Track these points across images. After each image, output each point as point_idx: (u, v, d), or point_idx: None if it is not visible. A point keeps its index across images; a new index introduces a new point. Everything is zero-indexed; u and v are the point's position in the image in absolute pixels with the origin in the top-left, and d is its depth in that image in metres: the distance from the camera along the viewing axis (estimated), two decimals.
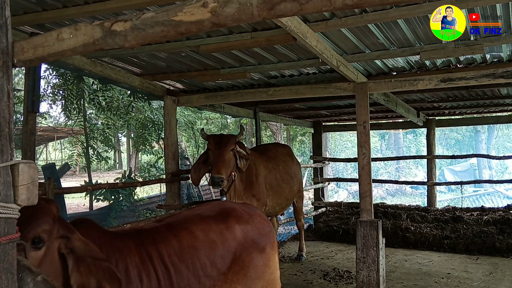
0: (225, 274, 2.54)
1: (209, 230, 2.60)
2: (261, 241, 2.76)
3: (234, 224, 2.68)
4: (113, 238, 2.39)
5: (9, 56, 1.40)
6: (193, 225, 2.61)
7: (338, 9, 1.13)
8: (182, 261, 2.43)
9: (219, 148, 4.69)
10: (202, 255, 2.49)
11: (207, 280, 2.46)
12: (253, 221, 2.80)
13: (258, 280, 2.70)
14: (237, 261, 2.60)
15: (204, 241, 2.54)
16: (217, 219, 2.70)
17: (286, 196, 5.91)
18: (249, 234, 2.71)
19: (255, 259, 2.69)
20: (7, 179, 1.35)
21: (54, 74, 10.46)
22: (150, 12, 1.30)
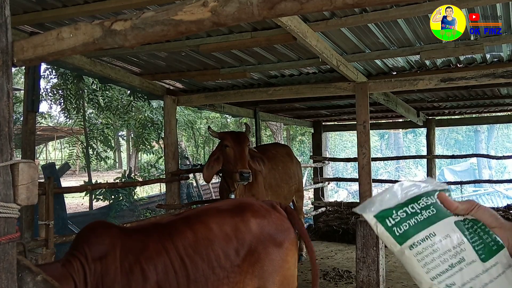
0: (239, 266, 2.61)
1: (224, 223, 2.67)
2: (278, 236, 2.80)
3: (250, 218, 2.74)
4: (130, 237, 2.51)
5: (9, 55, 1.39)
6: (208, 218, 2.70)
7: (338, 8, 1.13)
8: (197, 252, 2.53)
9: (239, 144, 4.71)
10: (216, 247, 2.58)
11: (221, 271, 2.55)
12: (270, 217, 2.85)
13: (276, 274, 2.75)
14: (253, 254, 2.66)
15: (218, 233, 2.62)
16: (233, 213, 2.77)
17: (285, 196, 5.91)
18: (265, 228, 2.76)
19: (272, 253, 2.73)
20: (7, 179, 1.35)
21: (53, 73, 10.45)
22: (150, 11, 1.30)
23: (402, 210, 0.89)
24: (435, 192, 0.90)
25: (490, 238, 0.85)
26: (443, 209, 0.88)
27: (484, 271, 0.82)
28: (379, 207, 0.91)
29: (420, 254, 0.85)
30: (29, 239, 3.81)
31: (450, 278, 0.83)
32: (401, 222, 0.88)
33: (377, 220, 0.91)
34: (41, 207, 3.84)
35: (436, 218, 0.86)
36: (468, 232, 0.86)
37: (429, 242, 0.85)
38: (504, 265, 0.83)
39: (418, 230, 0.86)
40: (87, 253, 2.36)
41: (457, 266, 0.83)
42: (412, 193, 0.90)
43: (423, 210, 0.87)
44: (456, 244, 0.84)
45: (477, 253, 0.83)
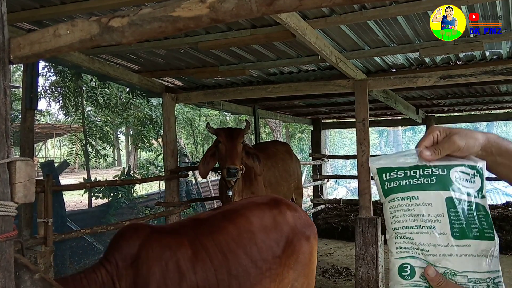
0: (280, 257, 2.64)
1: (263, 216, 2.72)
2: (306, 230, 2.87)
3: (286, 210, 2.80)
4: (165, 237, 2.50)
5: (6, 52, 1.38)
6: (248, 211, 2.74)
7: (338, 5, 1.12)
8: (240, 246, 2.55)
9: (231, 140, 4.70)
10: (258, 240, 2.61)
11: (264, 263, 2.57)
12: (299, 211, 2.93)
13: (306, 267, 2.80)
14: (290, 245, 2.71)
15: (259, 226, 2.66)
16: (270, 205, 2.82)
17: (284, 193, 5.91)
18: (298, 221, 2.83)
19: (303, 246, 2.79)
20: (4, 177, 1.34)
21: (52, 71, 10.43)
22: (148, 8, 1.29)
23: (403, 171, 0.95)
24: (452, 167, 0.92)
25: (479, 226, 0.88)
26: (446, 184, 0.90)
27: (448, 245, 0.87)
28: (386, 164, 0.97)
29: (393, 208, 0.93)
30: (28, 237, 3.80)
31: (411, 234, 0.89)
32: (394, 180, 0.95)
33: (376, 172, 0.98)
34: (40, 205, 3.83)
35: (429, 187, 0.91)
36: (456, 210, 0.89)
37: (407, 202, 0.92)
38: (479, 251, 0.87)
39: (403, 190, 0.93)
40: (117, 261, 2.34)
41: (424, 229, 0.89)
42: (425, 162, 0.94)
43: (422, 177, 0.92)
44: (434, 214, 0.89)
45: (452, 229, 0.87)
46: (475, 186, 0.92)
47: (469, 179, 0.92)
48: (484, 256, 0.87)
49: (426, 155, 0.92)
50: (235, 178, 4.63)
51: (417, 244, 0.89)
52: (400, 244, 0.91)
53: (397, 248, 0.91)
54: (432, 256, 0.88)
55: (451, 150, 0.93)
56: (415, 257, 0.89)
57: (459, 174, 0.92)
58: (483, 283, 0.86)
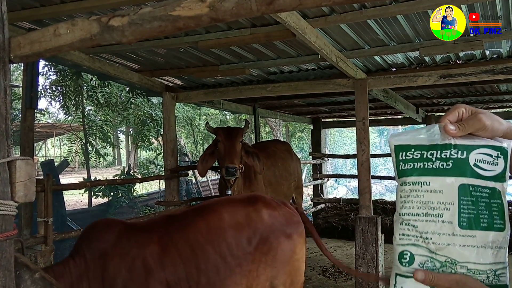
0: (251, 254, 2.65)
1: (236, 212, 2.73)
2: (288, 228, 2.86)
3: (262, 208, 2.80)
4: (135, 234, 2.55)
5: (6, 51, 1.38)
6: (221, 207, 2.75)
7: (337, 4, 1.12)
8: (209, 242, 2.57)
9: (229, 139, 4.70)
10: (228, 236, 2.62)
11: (233, 259, 2.59)
12: (280, 209, 2.91)
13: (286, 264, 2.80)
14: (265, 243, 2.71)
15: (231, 222, 2.67)
16: (245, 203, 2.83)
17: (284, 193, 5.91)
18: (276, 219, 2.82)
19: (282, 244, 2.78)
20: (4, 176, 1.35)
21: (52, 70, 10.43)
22: (148, 7, 1.29)
23: (420, 151, 0.92)
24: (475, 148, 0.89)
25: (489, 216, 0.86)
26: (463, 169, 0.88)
27: (453, 234, 0.86)
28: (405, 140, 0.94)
29: (404, 192, 0.92)
30: (28, 236, 3.81)
31: (416, 222, 0.89)
32: (409, 161, 0.92)
33: (394, 149, 0.95)
34: (40, 204, 3.83)
35: (443, 172, 0.88)
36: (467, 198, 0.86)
37: (417, 187, 0.90)
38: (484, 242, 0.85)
39: (415, 174, 0.91)
40: (85, 253, 2.39)
41: (430, 217, 0.87)
42: (448, 140, 0.90)
43: (438, 161, 0.89)
44: (444, 202, 0.87)
45: (460, 218, 0.86)
46: (497, 168, 0.88)
47: (491, 161, 0.88)
48: (490, 247, 0.85)
49: (450, 129, 0.89)
50: (234, 177, 4.63)
51: (420, 232, 0.88)
52: (404, 231, 0.91)
53: (400, 235, 0.91)
54: (434, 244, 0.87)
55: (476, 128, 0.89)
56: (416, 245, 0.89)
57: (481, 156, 0.88)
58: (482, 274, 0.85)
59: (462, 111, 0.93)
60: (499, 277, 0.86)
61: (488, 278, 0.85)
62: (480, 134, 0.89)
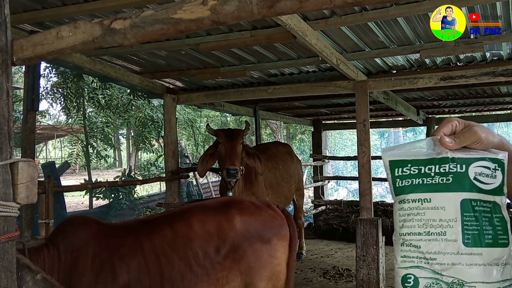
0: (220, 263, 2.61)
1: (206, 221, 2.67)
2: (266, 233, 2.80)
3: (235, 215, 2.74)
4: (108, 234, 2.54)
5: (8, 54, 1.39)
6: (191, 215, 2.70)
7: (338, 7, 1.13)
8: (174, 250, 2.53)
9: (230, 141, 4.71)
10: (195, 245, 2.58)
11: (200, 268, 2.55)
12: (259, 214, 2.85)
13: (264, 270, 2.75)
14: (237, 251, 2.66)
15: (199, 231, 2.62)
16: (218, 210, 2.77)
17: (285, 195, 5.91)
18: (252, 225, 2.76)
19: (259, 250, 2.74)
20: (6, 178, 1.35)
21: (53, 72, 10.45)
22: (150, 10, 1.30)
23: (417, 166, 0.88)
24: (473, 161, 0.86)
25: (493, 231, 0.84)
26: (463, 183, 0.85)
27: (458, 253, 0.82)
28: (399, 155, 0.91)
29: (403, 211, 0.88)
30: (29, 238, 3.81)
31: (418, 242, 0.85)
32: (406, 177, 0.89)
33: (389, 165, 0.91)
34: (41, 206, 3.84)
35: (444, 188, 0.85)
36: (470, 213, 0.84)
37: (418, 205, 0.86)
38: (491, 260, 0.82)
39: (415, 191, 0.87)
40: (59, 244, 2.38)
41: (433, 235, 0.84)
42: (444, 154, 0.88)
43: (438, 176, 0.86)
44: (446, 219, 0.84)
45: (463, 235, 0.83)
46: (495, 181, 0.86)
47: (490, 174, 0.86)
48: (496, 264, 0.83)
49: (447, 141, 0.87)
50: (235, 179, 4.64)
51: (423, 253, 0.85)
52: (406, 253, 0.87)
53: (402, 257, 0.87)
54: (439, 265, 0.84)
55: (471, 141, 0.88)
56: (420, 267, 0.85)
57: (480, 169, 0.86)
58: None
59: (456, 124, 0.91)
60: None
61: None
62: (475, 147, 0.89)
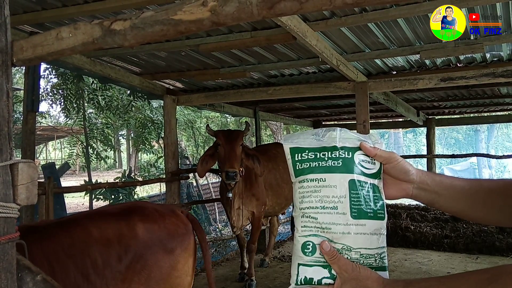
0: (121, 273, 2.41)
1: (106, 227, 2.47)
2: (169, 242, 2.63)
3: (137, 222, 2.55)
4: None
5: (8, 55, 1.39)
6: (89, 221, 2.49)
7: (338, 8, 1.13)
8: (70, 257, 2.31)
9: (229, 142, 4.71)
10: (93, 252, 2.36)
11: (98, 278, 2.34)
12: (163, 221, 2.67)
13: (163, 282, 2.58)
14: (139, 260, 2.48)
15: (98, 238, 2.41)
16: (119, 216, 2.57)
17: (286, 196, 5.91)
18: (155, 233, 2.58)
19: (160, 260, 2.56)
20: (7, 179, 1.35)
21: (53, 73, 10.45)
22: (150, 11, 1.30)
23: (313, 152, 1.03)
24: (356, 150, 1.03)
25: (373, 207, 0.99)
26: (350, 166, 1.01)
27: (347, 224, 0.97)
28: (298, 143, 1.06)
29: (302, 188, 1.02)
30: None
31: (315, 214, 0.99)
32: (304, 161, 1.03)
33: (290, 152, 1.06)
34: (41, 207, 3.84)
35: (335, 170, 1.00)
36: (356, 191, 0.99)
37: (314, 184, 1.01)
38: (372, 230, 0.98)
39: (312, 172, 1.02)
40: None
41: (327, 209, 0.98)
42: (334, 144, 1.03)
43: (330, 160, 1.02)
44: (338, 195, 0.98)
45: (351, 209, 0.98)
46: (375, 167, 1.03)
47: (370, 161, 1.03)
48: (376, 234, 0.98)
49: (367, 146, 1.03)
50: (234, 182, 4.64)
51: (320, 223, 0.98)
52: (305, 223, 1.00)
53: (302, 227, 1.00)
54: (333, 233, 0.97)
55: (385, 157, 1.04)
56: (317, 235, 0.98)
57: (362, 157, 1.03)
58: (371, 258, 0.98)
59: None
60: (383, 260, 1.00)
61: (375, 261, 0.98)
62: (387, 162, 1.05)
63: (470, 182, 1.10)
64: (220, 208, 11.71)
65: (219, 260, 6.93)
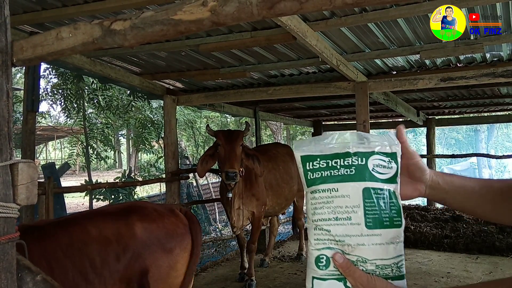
0: (119, 272, 2.41)
1: (104, 227, 2.47)
2: (168, 242, 2.63)
3: (135, 222, 2.56)
4: None
5: (8, 55, 1.39)
6: (88, 220, 2.50)
7: (338, 8, 1.13)
8: (68, 256, 2.31)
9: (229, 143, 4.70)
10: (92, 252, 2.36)
11: (96, 277, 2.34)
12: (162, 221, 2.67)
13: (161, 281, 2.58)
14: (137, 260, 2.48)
15: (96, 237, 2.41)
16: (117, 216, 2.57)
17: (285, 196, 5.91)
18: (153, 233, 2.58)
19: (159, 259, 2.56)
20: (7, 179, 1.35)
21: (53, 73, 10.45)
22: (150, 11, 1.30)
23: (325, 160, 1.00)
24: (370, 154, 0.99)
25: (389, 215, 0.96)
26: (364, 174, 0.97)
27: (361, 235, 0.93)
28: (309, 150, 1.02)
29: (314, 200, 0.99)
30: None
31: (328, 226, 0.96)
32: (316, 170, 1.00)
33: (301, 160, 1.02)
34: (41, 207, 3.84)
35: (348, 178, 0.97)
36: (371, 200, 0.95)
37: (327, 194, 0.97)
38: (388, 239, 0.94)
39: (324, 182, 0.98)
40: None
41: (340, 220, 0.95)
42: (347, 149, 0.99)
43: (343, 168, 0.98)
44: (351, 205, 0.95)
45: (366, 219, 0.94)
46: (391, 171, 0.99)
47: (386, 165, 0.99)
48: (392, 243, 0.94)
49: (402, 130, 1.03)
50: (234, 182, 4.64)
51: (333, 236, 0.95)
52: (318, 236, 0.97)
53: (315, 240, 0.97)
54: (347, 246, 0.94)
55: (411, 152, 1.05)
56: (331, 248, 0.95)
57: (377, 162, 0.98)
58: (388, 268, 0.94)
59: None
60: (400, 268, 0.95)
61: (392, 271, 0.94)
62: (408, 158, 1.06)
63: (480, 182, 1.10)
64: (220, 208, 11.71)
65: (219, 260, 6.92)
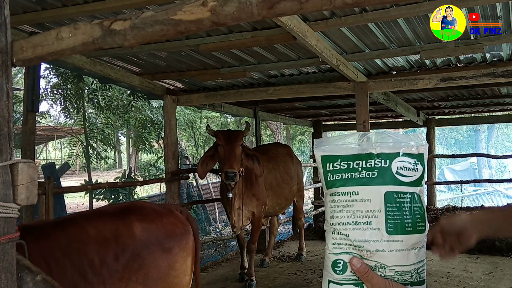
0: (118, 271, 2.41)
1: (103, 227, 2.48)
2: (167, 242, 2.63)
3: (134, 221, 2.56)
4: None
5: (8, 55, 1.39)
6: (86, 220, 2.51)
7: (338, 8, 1.13)
8: (66, 256, 2.31)
9: (229, 143, 4.71)
10: (90, 251, 2.37)
11: (95, 277, 2.34)
12: (161, 221, 2.67)
13: (160, 281, 2.58)
14: (136, 259, 2.48)
15: (95, 237, 2.42)
16: (116, 216, 2.58)
17: (286, 196, 5.91)
18: (152, 232, 2.58)
19: (158, 259, 2.56)
20: (7, 179, 1.35)
21: (53, 73, 10.45)
22: (150, 11, 1.30)
23: (346, 161, 0.96)
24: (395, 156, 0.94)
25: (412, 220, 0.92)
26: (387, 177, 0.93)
27: (382, 240, 0.90)
28: (330, 150, 0.98)
29: (333, 202, 0.95)
30: None
31: (346, 231, 0.92)
32: (336, 172, 0.97)
33: (321, 160, 0.99)
34: (41, 207, 3.84)
35: (370, 181, 0.93)
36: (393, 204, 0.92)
37: (346, 197, 0.94)
38: (410, 245, 0.91)
39: (344, 185, 0.95)
40: None
41: (360, 225, 0.92)
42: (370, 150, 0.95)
43: (364, 170, 0.94)
44: (372, 210, 0.91)
45: (387, 224, 0.90)
46: (416, 174, 0.95)
47: (411, 167, 0.94)
48: (413, 248, 0.92)
49: None
50: (234, 182, 4.64)
51: (352, 241, 0.92)
52: (336, 240, 0.94)
53: (332, 244, 0.94)
54: (366, 251, 0.91)
55: None
56: (348, 253, 0.92)
57: (402, 164, 0.94)
58: (407, 274, 0.91)
59: None
60: (420, 274, 0.93)
61: (412, 277, 0.92)
62: None
63: None
64: (220, 208, 11.71)
65: (219, 260, 6.92)
